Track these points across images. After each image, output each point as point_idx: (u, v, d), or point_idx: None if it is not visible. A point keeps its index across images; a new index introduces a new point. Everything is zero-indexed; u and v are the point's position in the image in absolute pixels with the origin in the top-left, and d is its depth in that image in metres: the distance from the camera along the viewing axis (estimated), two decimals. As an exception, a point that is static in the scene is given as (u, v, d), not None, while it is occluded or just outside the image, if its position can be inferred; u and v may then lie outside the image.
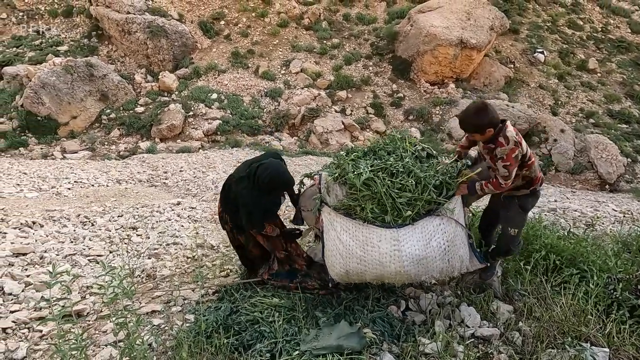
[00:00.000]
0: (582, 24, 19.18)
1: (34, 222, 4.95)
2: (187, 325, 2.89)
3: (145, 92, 14.16)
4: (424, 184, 2.86)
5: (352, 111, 14.47)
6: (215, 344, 2.58)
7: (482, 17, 15.71)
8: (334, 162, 3.15)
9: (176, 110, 13.06)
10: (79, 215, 5.47)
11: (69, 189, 7.47)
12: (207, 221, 5.76)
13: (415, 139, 3.19)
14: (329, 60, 15.98)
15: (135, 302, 3.24)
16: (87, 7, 15.84)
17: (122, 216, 5.60)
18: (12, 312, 3.10)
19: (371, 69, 15.96)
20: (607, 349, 2.62)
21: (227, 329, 2.77)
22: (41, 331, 2.91)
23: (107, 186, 8.00)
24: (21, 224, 4.81)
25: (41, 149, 11.69)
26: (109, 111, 13.28)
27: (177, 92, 14.19)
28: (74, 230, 4.94)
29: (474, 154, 3.17)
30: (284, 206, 3.57)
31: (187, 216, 5.95)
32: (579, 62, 17.29)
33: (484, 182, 2.83)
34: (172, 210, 6.16)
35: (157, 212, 5.96)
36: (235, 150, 11.98)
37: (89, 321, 3.09)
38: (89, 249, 4.38)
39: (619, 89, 16.56)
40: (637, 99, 16.17)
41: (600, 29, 19.14)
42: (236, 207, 3.13)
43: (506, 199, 2.99)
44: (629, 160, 13.12)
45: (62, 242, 4.50)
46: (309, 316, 2.94)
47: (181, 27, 15.47)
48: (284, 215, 3.93)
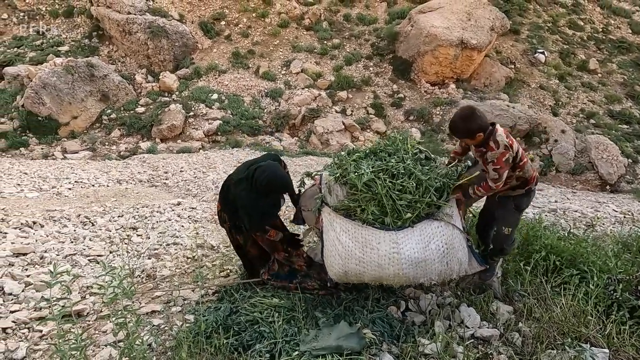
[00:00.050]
0: (582, 24, 19.17)
1: (35, 222, 4.96)
2: (187, 325, 2.89)
3: (145, 93, 14.18)
4: (425, 186, 2.86)
5: (352, 111, 14.47)
6: (214, 344, 2.58)
7: (483, 17, 15.71)
8: (335, 162, 3.15)
9: (177, 110, 13.07)
10: (80, 215, 5.48)
11: (70, 189, 7.48)
12: (208, 221, 5.77)
13: (414, 141, 3.19)
14: (330, 60, 15.99)
15: (135, 302, 3.24)
16: (88, 8, 15.86)
17: (122, 216, 5.61)
18: (12, 312, 3.10)
19: (372, 69, 15.97)
20: (607, 350, 2.61)
21: (227, 329, 2.77)
22: (41, 331, 2.92)
23: (108, 186, 8.01)
24: (21, 224, 4.82)
25: (42, 149, 11.70)
26: (109, 111, 13.30)
27: (177, 93, 14.20)
28: (75, 230, 4.95)
29: (474, 155, 3.17)
30: (284, 206, 3.57)
31: (188, 216, 5.96)
32: (580, 63, 17.28)
33: (476, 185, 2.87)
34: (173, 210, 6.17)
35: (157, 212, 5.97)
36: (235, 150, 11.99)
37: (89, 321, 3.09)
38: (89, 249, 4.39)
39: (619, 90, 16.54)
40: (637, 99, 16.15)
41: (601, 30, 19.13)
42: (235, 208, 3.14)
43: (502, 198, 3.02)
44: (630, 160, 13.10)
45: (63, 242, 4.51)
46: (308, 316, 2.95)
47: (182, 27, 15.48)
48: (284, 215, 3.93)
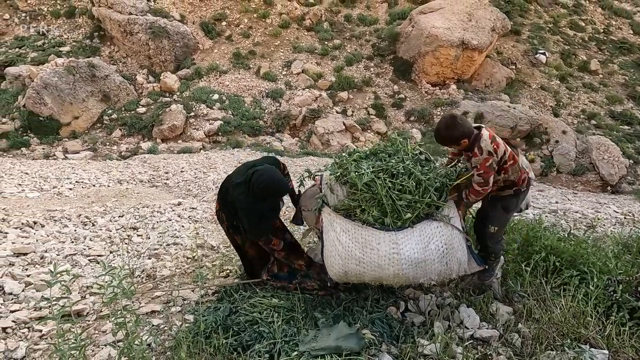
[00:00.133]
0: (584, 25, 19.15)
1: (35, 222, 4.97)
2: (186, 325, 2.89)
3: (146, 93, 14.20)
4: (425, 186, 2.87)
5: (353, 112, 14.48)
6: (214, 345, 2.58)
7: (484, 18, 15.70)
8: (336, 163, 3.16)
9: (177, 110, 13.09)
10: (80, 215, 5.49)
11: (71, 189, 7.50)
12: (208, 222, 5.77)
13: (414, 144, 3.20)
14: (330, 61, 15.99)
15: (135, 302, 3.25)
16: (90, 8, 15.89)
17: (123, 216, 5.62)
18: (12, 311, 3.11)
19: (372, 69, 15.97)
20: (606, 351, 2.61)
21: (226, 330, 2.77)
22: (41, 331, 2.92)
23: (108, 186, 8.02)
24: (22, 224, 4.83)
25: (43, 149, 11.72)
26: (110, 112, 13.32)
27: (178, 93, 14.22)
28: (75, 230, 4.96)
29: (464, 159, 3.19)
30: (285, 207, 3.57)
31: (188, 217, 5.97)
32: (581, 64, 17.26)
33: (467, 190, 2.93)
34: (173, 210, 6.18)
35: (157, 212, 5.98)
36: (236, 150, 12.00)
37: (89, 321, 3.09)
38: (89, 249, 4.39)
39: (621, 91, 16.52)
40: (639, 100, 16.12)
41: (602, 30, 19.11)
42: (234, 209, 3.16)
43: (492, 198, 3.05)
44: (631, 161, 13.08)
45: (63, 242, 4.52)
46: (308, 317, 2.95)
47: (183, 28, 15.51)
48: (284, 215, 3.93)
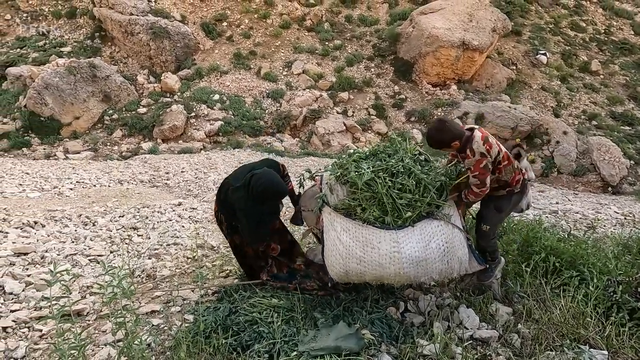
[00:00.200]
0: (584, 25, 19.14)
1: (36, 222, 4.98)
2: (186, 325, 2.89)
3: (147, 93, 14.22)
4: (425, 185, 2.88)
5: (353, 112, 14.48)
6: (213, 345, 2.59)
7: (484, 18, 15.70)
8: (336, 163, 3.17)
9: (178, 111, 13.11)
10: (81, 215, 5.51)
11: (71, 189, 7.51)
12: (208, 222, 5.78)
13: (413, 146, 3.20)
14: (331, 61, 16.00)
15: (134, 302, 3.25)
16: (91, 9, 15.93)
17: (123, 216, 5.63)
18: (12, 311, 3.11)
19: (373, 70, 15.97)
20: (606, 352, 2.61)
21: (226, 330, 2.77)
22: (41, 330, 2.93)
23: (109, 186, 8.04)
24: (23, 224, 4.84)
25: (44, 149, 11.75)
26: (111, 112, 13.34)
27: (179, 93, 14.24)
28: (75, 230, 4.97)
29: (460, 161, 3.19)
30: (285, 207, 3.58)
31: (188, 217, 5.98)
32: (582, 64, 17.25)
33: (466, 190, 2.94)
34: (173, 210, 6.19)
35: (158, 212, 5.99)
36: (236, 151, 12.01)
37: (89, 321, 3.10)
38: (89, 249, 4.40)
39: (621, 91, 16.51)
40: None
41: (603, 31, 19.10)
42: (233, 211, 3.17)
43: (488, 196, 3.05)
44: (632, 162, 13.07)
45: (64, 242, 4.53)
46: (307, 317, 2.95)
47: (184, 28, 15.53)
48: (284, 215, 3.93)
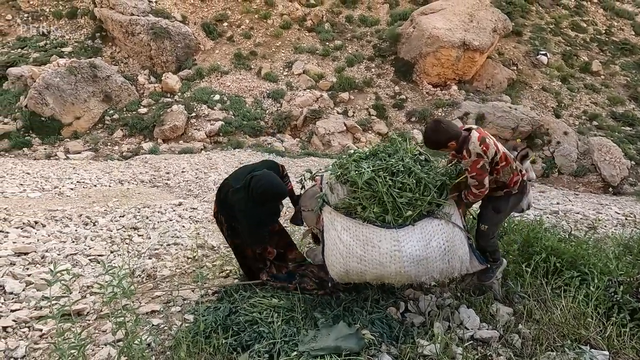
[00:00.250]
0: (585, 26, 19.12)
1: (36, 222, 4.98)
2: (186, 325, 2.89)
3: (148, 93, 14.24)
4: (425, 184, 2.87)
5: (354, 113, 14.48)
6: (213, 344, 2.58)
7: (485, 19, 15.70)
8: (336, 163, 3.17)
9: (179, 111, 13.11)
10: (81, 215, 5.51)
11: (72, 189, 7.52)
12: (208, 222, 5.78)
13: (413, 146, 3.20)
14: (332, 61, 16.00)
15: (135, 302, 3.25)
16: (91, 9, 15.95)
17: (123, 216, 5.63)
18: (12, 311, 3.11)
19: (373, 70, 15.97)
20: (606, 352, 2.60)
21: (226, 330, 2.77)
22: (41, 330, 2.93)
23: (110, 186, 8.04)
24: (23, 224, 4.84)
25: (45, 149, 11.76)
26: (112, 112, 13.35)
27: (179, 93, 14.25)
28: (76, 230, 4.97)
29: (459, 161, 3.19)
30: (285, 207, 3.57)
31: (189, 217, 5.98)
32: (583, 65, 17.24)
33: (466, 190, 2.93)
34: (174, 210, 6.19)
35: (158, 212, 5.99)
36: (237, 151, 12.01)
37: (89, 320, 3.10)
38: (90, 249, 4.40)
39: (622, 92, 16.50)
40: (641, 101, 16.13)
41: (603, 31, 19.08)
42: (233, 212, 3.18)
43: (488, 197, 3.05)
44: (633, 163, 13.06)
45: (64, 242, 4.53)
46: (307, 317, 2.94)
47: (184, 28, 15.54)
48: (284, 216, 3.93)
